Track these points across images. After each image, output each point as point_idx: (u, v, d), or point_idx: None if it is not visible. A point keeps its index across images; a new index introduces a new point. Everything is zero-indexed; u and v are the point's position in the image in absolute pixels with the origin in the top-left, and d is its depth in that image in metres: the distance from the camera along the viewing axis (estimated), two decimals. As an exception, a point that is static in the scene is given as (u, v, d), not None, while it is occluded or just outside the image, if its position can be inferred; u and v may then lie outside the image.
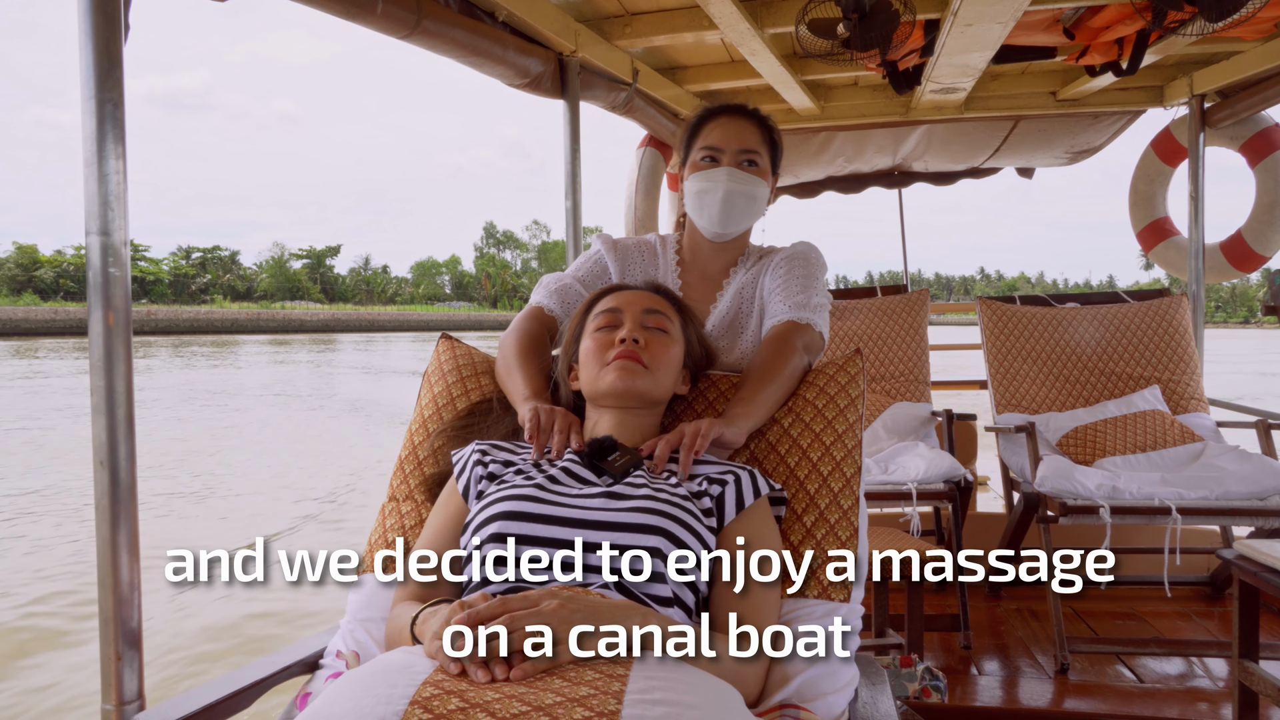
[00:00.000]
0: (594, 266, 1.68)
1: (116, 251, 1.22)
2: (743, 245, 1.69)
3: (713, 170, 1.59)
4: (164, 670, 3.99)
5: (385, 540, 1.42)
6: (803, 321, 1.51)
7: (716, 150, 1.60)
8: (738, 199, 1.58)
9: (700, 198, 1.60)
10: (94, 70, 1.21)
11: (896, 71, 3.19)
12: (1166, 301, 3.53)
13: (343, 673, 1.21)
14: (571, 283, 1.64)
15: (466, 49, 2.43)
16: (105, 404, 1.22)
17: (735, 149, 1.59)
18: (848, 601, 1.25)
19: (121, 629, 1.22)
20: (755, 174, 1.60)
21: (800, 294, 1.55)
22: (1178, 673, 2.61)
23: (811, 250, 1.66)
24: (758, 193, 1.60)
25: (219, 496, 7.88)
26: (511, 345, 1.51)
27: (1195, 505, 2.56)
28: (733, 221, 1.61)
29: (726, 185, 1.58)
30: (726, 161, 1.59)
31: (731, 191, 1.58)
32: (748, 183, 1.59)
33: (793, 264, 1.62)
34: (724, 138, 1.60)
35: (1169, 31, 2.64)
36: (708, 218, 1.61)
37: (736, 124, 1.61)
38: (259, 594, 4.84)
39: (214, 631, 4.49)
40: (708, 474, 1.24)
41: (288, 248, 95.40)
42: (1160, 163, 4.26)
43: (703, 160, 1.61)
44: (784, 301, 1.55)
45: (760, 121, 1.64)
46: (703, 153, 1.61)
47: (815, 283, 1.60)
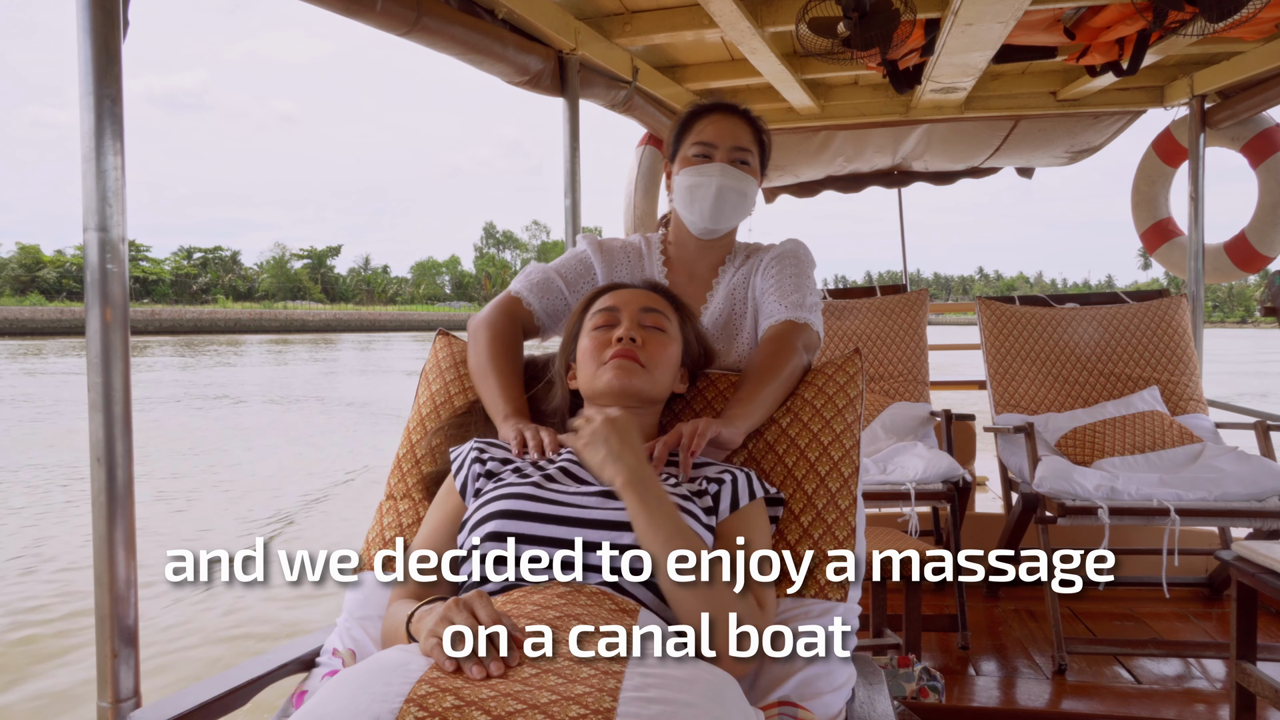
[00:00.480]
0: (578, 265, 1.66)
1: (114, 248, 1.22)
2: (729, 243, 1.69)
3: (706, 165, 1.59)
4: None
5: (383, 539, 1.42)
6: (800, 321, 1.51)
7: (710, 146, 1.59)
8: (730, 194, 1.59)
9: (693, 192, 1.60)
10: (92, 66, 1.21)
11: (897, 71, 3.19)
12: (1166, 302, 3.54)
13: (339, 670, 1.21)
14: (554, 277, 1.63)
15: (466, 46, 2.44)
16: (102, 400, 1.22)
17: (729, 145, 1.59)
18: (845, 601, 1.25)
19: (118, 626, 1.23)
20: (747, 172, 1.60)
21: (795, 293, 1.56)
22: (1175, 674, 2.61)
23: (800, 248, 1.67)
24: (749, 190, 1.61)
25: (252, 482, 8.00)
26: (485, 346, 1.49)
27: (1194, 506, 2.56)
28: (724, 217, 1.61)
29: (720, 180, 1.58)
30: (720, 157, 1.59)
31: (724, 187, 1.58)
32: (740, 179, 1.59)
33: (784, 263, 1.62)
34: (718, 134, 1.60)
35: (1170, 32, 2.65)
36: (699, 213, 1.60)
37: (730, 121, 1.61)
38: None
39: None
40: (706, 474, 1.24)
41: (289, 248, 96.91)
42: (1161, 163, 4.26)
43: (695, 155, 1.60)
44: (779, 301, 1.55)
45: (752, 121, 1.64)
46: (696, 148, 1.60)
47: (807, 281, 1.60)
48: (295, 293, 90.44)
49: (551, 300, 1.61)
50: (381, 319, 66.95)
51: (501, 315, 1.56)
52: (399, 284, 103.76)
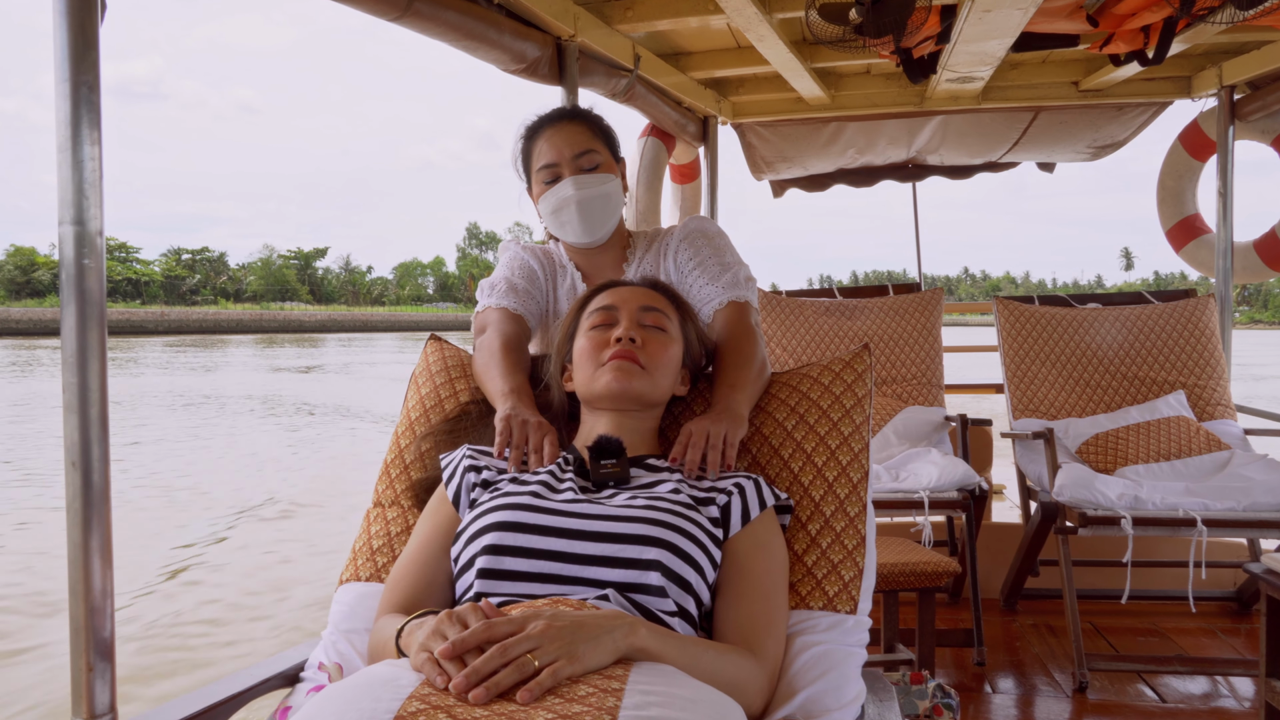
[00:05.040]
0: (523, 267, 1.69)
1: (91, 241, 1.22)
2: (622, 237, 1.72)
3: (557, 186, 1.60)
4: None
5: (370, 548, 1.42)
6: (741, 300, 1.55)
7: (553, 166, 1.61)
8: (593, 203, 1.60)
9: (558, 215, 1.62)
10: (69, 52, 1.21)
11: (911, 59, 3.19)
12: (1192, 303, 3.54)
13: (325, 686, 1.21)
14: (516, 280, 1.66)
15: (460, 32, 2.43)
16: (78, 401, 1.22)
17: (570, 156, 1.60)
18: (854, 614, 1.25)
19: (94, 639, 1.22)
20: (602, 172, 1.62)
21: (724, 272, 1.59)
22: (1202, 692, 2.61)
23: (707, 224, 1.70)
24: (610, 190, 1.62)
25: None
26: (494, 341, 1.51)
27: (1221, 516, 2.56)
28: (597, 226, 1.63)
29: (577, 194, 1.59)
30: (568, 172, 1.60)
31: (584, 199, 1.59)
32: (595, 184, 1.60)
33: (695, 242, 1.65)
34: (554, 149, 1.61)
35: (1197, 19, 2.64)
36: (573, 232, 1.63)
37: (562, 131, 1.62)
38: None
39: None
40: (713, 482, 1.24)
41: (275, 248, 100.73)
42: (1188, 157, 4.25)
43: (544, 181, 1.62)
44: (711, 283, 1.58)
45: (581, 117, 1.66)
46: (542, 172, 1.63)
47: (728, 255, 1.63)
48: (283, 294, 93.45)
49: (525, 300, 1.64)
50: (374, 319, 72.15)
51: (506, 320, 1.58)
52: (383, 285, 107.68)
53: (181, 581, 5.46)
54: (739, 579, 1.16)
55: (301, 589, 5.29)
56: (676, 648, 0.99)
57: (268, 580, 5.50)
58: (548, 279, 1.72)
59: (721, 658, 1.05)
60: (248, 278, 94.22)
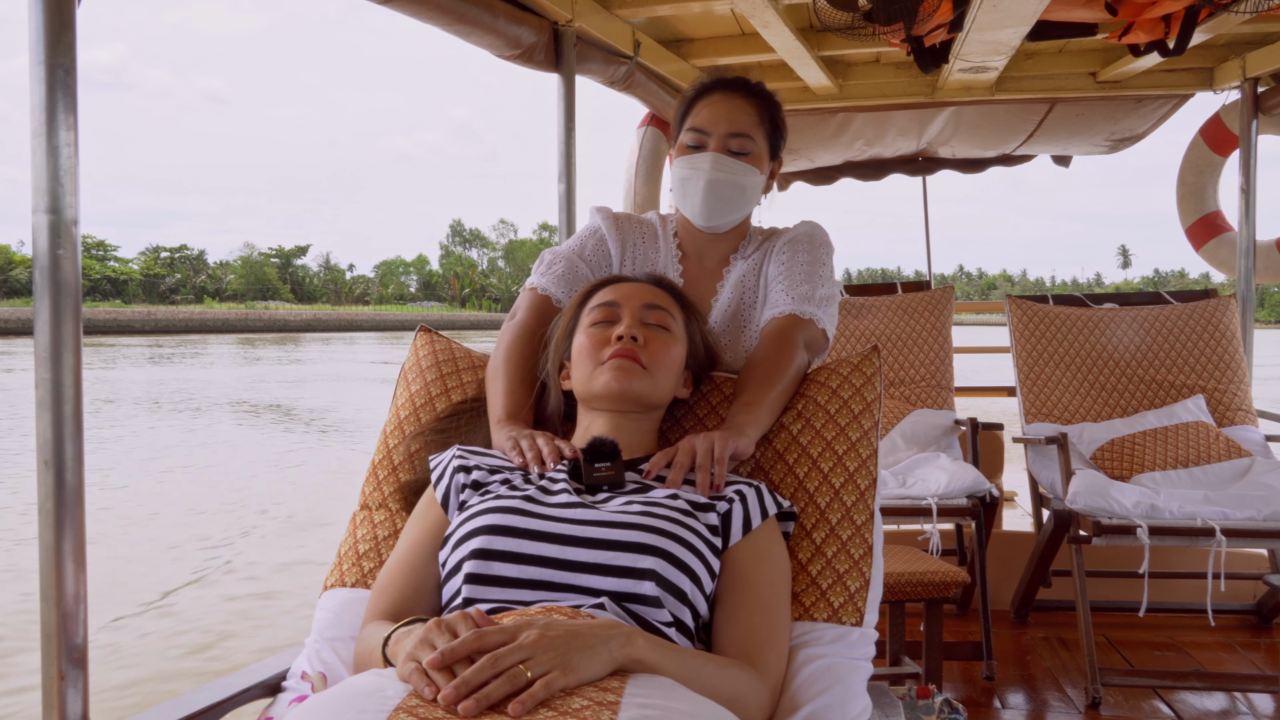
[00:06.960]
0: (598, 245, 1.64)
1: (66, 231, 1.21)
2: (742, 233, 1.66)
3: (696, 156, 1.55)
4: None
5: (356, 552, 1.42)
6: (805, 316, 1.49)
7: (702, 133, 1.56)
8: (723, 189, 1.55)
9: (684, 186, 1.57)
10: (44, 33, 1.20)
11: (922, 48, 3.19)
12: (1213, 304, 3.54)
13: (308, 696, 1.21)
14: (577, 263, 1.60)
15: (452, 16, 2.43)
16: (51, 398, 1.21)
17: (723, 132, 1.55)
18: (860, 625, 1.25)
19: (65, 645, 1.22)
20: (746, 161, 1.56)
21: (805, 284, 1.53)
22: (1220, 709, 2.61)
23: (817, 230, 1.64)
24: (747, 182, 1.56)
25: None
26: (505, 346, 1.49)
27: (1241, 526, 2.56)
28: (717, 214, 1.57)
29: (710, 174, 1.54)
30: (713, 146, 1.55)
31: (715, 181, 1.54)
32: (734, 171, 1.55)
33: (796, 248, 1.59)
34: (712, 118, 1.56)
35: (1220, 8, 2.65)
36: (690, 208, 1.58)
37: (729, 102, 1.57)
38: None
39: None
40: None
41: (257, 246, 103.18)
42: (1210, 152, 4.26)
43: (689, 144, 1.58)
44: (787, 292, 1.52)
45: (759, 97, 1.60)
46: (689, 135, 1.58)
47: (821, 269, 1.57)
48: (265, 293, 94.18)
49: (578, 287, 1.56)
50: (359, 319, 73.26)
51: (532, 315, 1.53)
52: (366, 283, 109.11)
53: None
54: (739, 590, 1.16)
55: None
56: (675, 660, 0.99)
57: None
58: (633, 252, 1.64)
59: (722, 671, 1.05)
60: (226, 276, 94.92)
